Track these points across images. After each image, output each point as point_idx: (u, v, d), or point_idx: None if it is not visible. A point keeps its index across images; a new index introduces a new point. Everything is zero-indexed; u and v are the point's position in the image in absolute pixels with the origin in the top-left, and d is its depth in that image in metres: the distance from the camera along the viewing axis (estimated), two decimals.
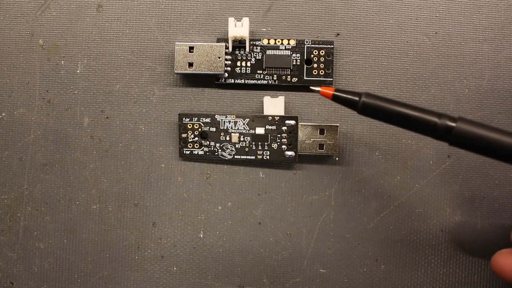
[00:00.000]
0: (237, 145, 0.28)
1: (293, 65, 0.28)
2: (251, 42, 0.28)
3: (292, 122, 0.27)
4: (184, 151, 0.28)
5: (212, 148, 0.28)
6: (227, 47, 0.28)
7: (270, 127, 0.28)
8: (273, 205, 0.29)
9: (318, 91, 0.23)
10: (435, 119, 0.21)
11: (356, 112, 0.23)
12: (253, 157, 0.28)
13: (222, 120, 0.28)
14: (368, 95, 0.22)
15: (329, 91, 0.23)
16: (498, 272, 0.25)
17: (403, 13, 0.28)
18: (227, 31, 0.27)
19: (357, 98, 0.22)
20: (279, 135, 0.28)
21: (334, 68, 0.28)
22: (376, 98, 0.22)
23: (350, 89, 0.23)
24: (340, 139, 0.28)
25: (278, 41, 0.28)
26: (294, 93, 0.28)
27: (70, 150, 0.29)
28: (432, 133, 0.22)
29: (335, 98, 0.23)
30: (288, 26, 0.28)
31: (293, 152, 0.28)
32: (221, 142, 0.28)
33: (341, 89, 0.23)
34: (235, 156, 0.28)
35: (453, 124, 0.21)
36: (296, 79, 0.28)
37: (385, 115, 0.22)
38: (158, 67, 0.29)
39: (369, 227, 0.29)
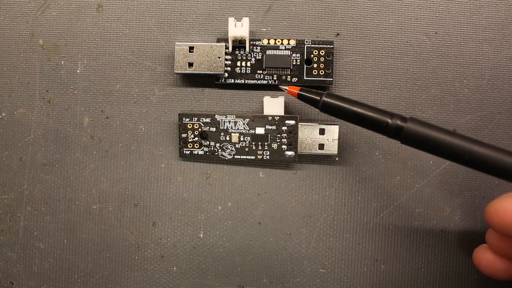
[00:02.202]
0: (237, 145, 0.28)
1: (293, 65, 0.28)
2: (251, 42, 0.28)
3: (292, 122, 0.27)
4: (184, 151, 0.28)
5: (212, 148, 0.28)
6: (227, 47, 0.28)
7: (270, 127, 0.28)
8: (273, 205, 0.29)
9: (285, 90, 0.26)
10: (387, 119, 0.23)
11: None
12: (253, 157, 0.28)
13: (222, 120, 0.28)
14: (329, 95, 0.24)
15: (295, 90, 0.25)
16: (477, 265, 0.26)
17: (403, 13, 0.28)
18: (227, 31, 0.27)
19: (318, 98, 0.24)
20: (279, 135, 0.28)
21: (334, 68, 0.28)
22: (335, 98, 0.24)
23: (315, 90, 0.25)
24: (340, 139, 0.28)
25: (278, 41, 0.28)
26: None
27: (70, 150, 0.29)
28: (385, 131, 0.23)
29: (300, 97, 0.25)
30: (288, 26, 0.28)
31: (293, 152, 0.28)
32: (221, 142, 0.28)
33: (306, 89, 0.25)
34: (235, 156, 0.28)
35: (403, 124, 0.22)
36: (296, 79, 0.28)
37: (343, 113, 0.24)
38: (158, 67, 0.29)
39: (369, 227, 0.29)
